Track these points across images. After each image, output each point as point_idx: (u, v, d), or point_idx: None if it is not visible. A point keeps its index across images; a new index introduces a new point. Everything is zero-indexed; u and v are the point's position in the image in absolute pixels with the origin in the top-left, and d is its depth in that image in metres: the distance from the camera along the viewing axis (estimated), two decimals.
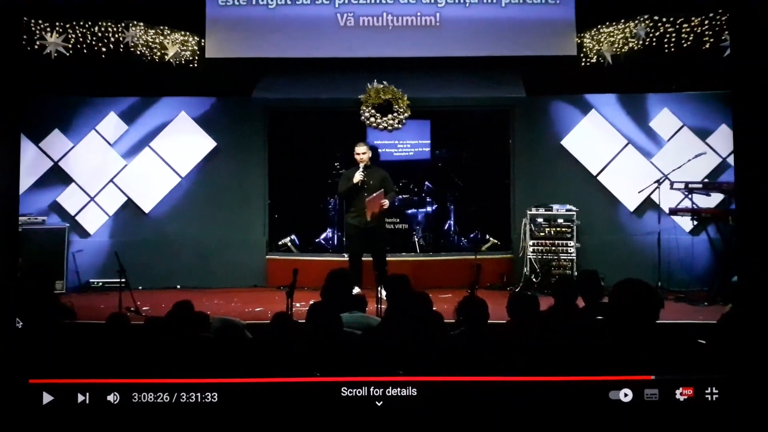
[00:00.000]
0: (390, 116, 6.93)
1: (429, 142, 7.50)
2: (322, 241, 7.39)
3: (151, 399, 2.35)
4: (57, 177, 6.88)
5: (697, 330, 3.17)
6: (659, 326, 2.56)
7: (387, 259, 6.05)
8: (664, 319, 2.58)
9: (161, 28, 6.52)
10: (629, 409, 2.32)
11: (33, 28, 6.15)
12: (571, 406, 2.32)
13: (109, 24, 6.32)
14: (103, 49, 6.30)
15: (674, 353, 2.43)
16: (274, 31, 6.52)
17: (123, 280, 5.14)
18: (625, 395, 2.34)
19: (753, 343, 2.38)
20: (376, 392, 2.35)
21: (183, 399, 2.35)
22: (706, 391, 2.33)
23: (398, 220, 7.34)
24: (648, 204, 6.77)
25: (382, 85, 6.90)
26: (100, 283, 6.65)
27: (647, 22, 6.33)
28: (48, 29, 6.19)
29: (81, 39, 6.24)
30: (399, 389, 2.35)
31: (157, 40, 6.50)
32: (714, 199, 6.41)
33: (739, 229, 2.74)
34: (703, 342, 2.78)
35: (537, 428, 2.33)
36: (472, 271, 4.47)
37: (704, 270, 6.45)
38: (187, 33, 6.63)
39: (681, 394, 2.33)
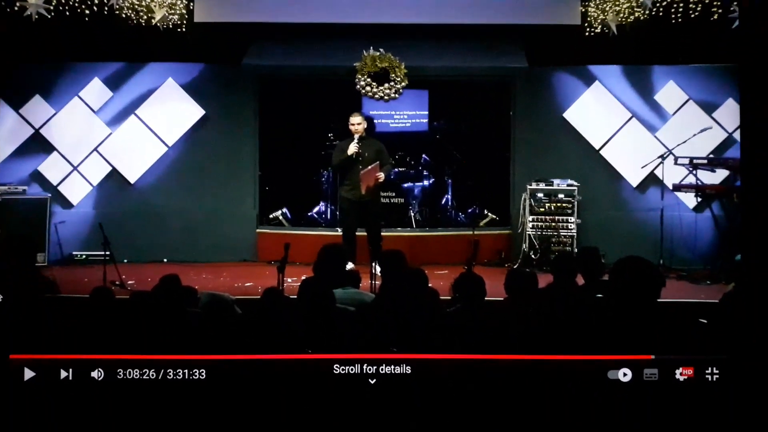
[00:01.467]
0: (386, 85, 6.82)
1: (427, 113, 7.42)
2: (315, 215, 7.33)
3: (136, 376, 2.32)
4: (38, 145, 6.78)
5: (698, 309, 3.19)
6: (660, 305, 2.53)
7: (382, 234, 6.01)
8: (665, 298, 2.56)
9: None
10: (628, 389, 2.30)
11: None
12: (569, 386, 2.30)
13: None
14: (87, 12, 6.12)
15: (675, 333, 2.41)
16: None
17: (107, 252, 5.09)
18: (624, 375, 2.30)
19: (755, 324, 2.35)
20: (370, 370, 2.32)
21: (170, 376, 2.31)
22: (707, 372, 2.30)
23: (394, 194, 7.26)
24: (651, 179, 6.75)
25: (378, 53, 6.79)
26: (84, 256, 6.56)
27: None
28: None
29: (63, 1, 6.03)
30: (393, 367, 2.32)
31: (143, 3, 6.35)
32: (719, 176, 6.36)
33: (743, 206, 2.67)
34: (705, 321, 2.76)
35: (534, 408, 2.31)
36: (470, 247, 4.43)
37: (707, 248, 6.46)
38: None
39: (681, 374, 2.29)
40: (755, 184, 2.40)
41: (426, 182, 7.37)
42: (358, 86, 6.85)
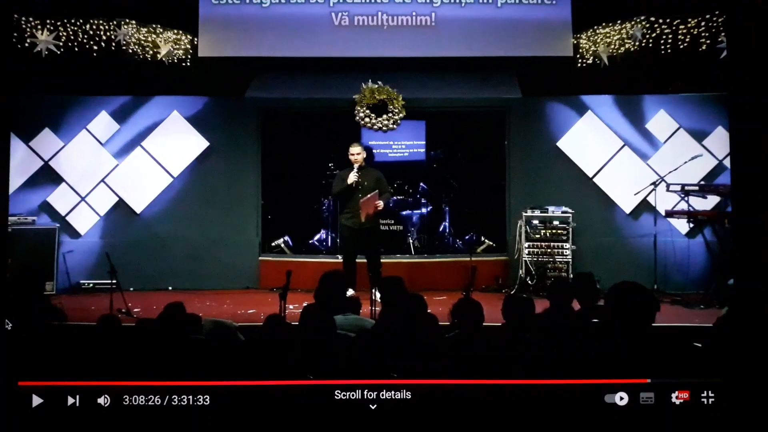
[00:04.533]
0: (385, 117, 6.91)
1: (424, 142, 7.50)
2: (316, 243, 7.36)
3: (142, 402, 2.35)
4: (47, 177, 6.84)
5: (693, 333, 3.20)
6: (655, 329, 2.59)
7: (381, 260, 6.03)
8: (660, 322, 2.61)
9: (153, 26, 6.52)
10: (625, 413, 2.33)
11: (24, 26, 6.12)
12: (566, 410, 2.32)
13: (101, 22, 6.30)
14: (95, 48, 6.29)
15: (670, 356, 2.43)
16: (268, 30, 6.52)
17: (114, 281, 5.12)
18: (621, 399, 2.33)
19: (749, 347, 2.39)
20: (370, 395, 2.35)
21: (175, 402, 2.34)
22: (702, 395, 2.33)
23: (393, 222, 7.31)
24: (644, 206, 6.77)
25: (376, 85, 6.88)
26: (91, 285, 6.61)
27: (644, 23, 6.37)
28: (39, 27, 6.16)
29: (72, 37, 6.22)
30: (393, 392, 2.35)
31: (149, 39, 6.49)
32: (710, 202, 6.38)
33: (735, 231, 2.73)
34: (699, 345, 2.77)
35: None
36: (467, 273, 4.45)
37: (700, 273, 6.45)
38: (180, 31, 6.62)
39: (677, 397, 2.33)
40: (746, 210, 2.46)
41: (424, 210, 7.42)
42: (358, 117, 6.92)
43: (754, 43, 2.49)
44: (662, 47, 6.31)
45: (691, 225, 6.48)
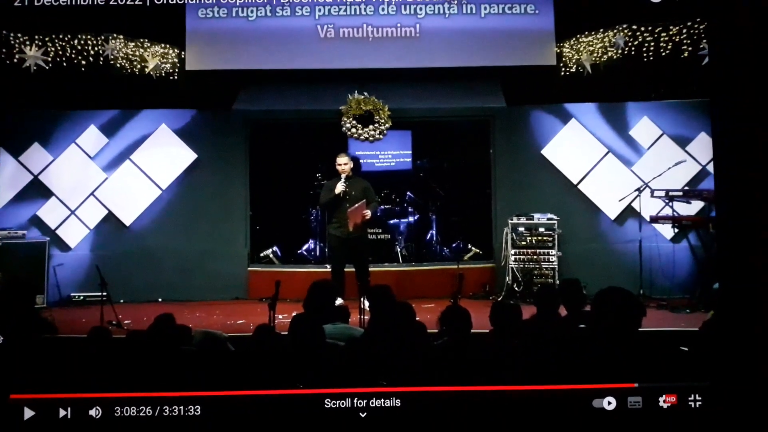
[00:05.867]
0: (371, 127, 6.95)
1: (410, 152, 7.54)
2: (305, 253, 7.37)
3: (133, 413, 2.36)
4: (37, 191, 6.84)
5: (679, 337, 3.22)
6: (642, 334, 2.59)
7: (370, 269, 6.07)
8: (646, 327, 2.62)
9: (141, 40, 6.51)
10: (613, 417, 2.35)
11: (12, 42, 6.12)
12: (554, 415, 2.35)
13: (89, 37, 6.30)
14: (83, 62, 6.28)
15: (657, 361, 2.46)
16: (255, 43, 6.53)
17: (104, 293, 5.12)
18: (609, 403, 2.36)
19: (735, 350, 2.41)
20: (360, 403, 2.37)
21: (166, 412, 2.36)
22: (689, 398, 2.36)
23: (380, 231, 7.35)
24: (629, 212, 6.80)
25: (363, 96, 6.93)
26: (82, 297, 6.59)
27: (626, 31, 6.39)
28: (27, 43, 6.16)
29: (60, 52, 6.22)
30: (383, 400, 2.37)
31: (136, 53, 6.49)
32: (694, 207, 6.44)
33: (719, 236, 2.76)
34: (686, 349, 2.80)
35: None
36: (455, 280, 4.48)
37: (686, 277, 6.48)
38: (167, 45, 6.62)
39: (664, 401, 2.36)
40: (729, 214, 2.49)
41: (411, 219, 7.45)
42: (344, 128, 6.95)
43: (735, 49, 2.52)
44: (644, 55, 6.33)
45: (676, 230, 6.50)
